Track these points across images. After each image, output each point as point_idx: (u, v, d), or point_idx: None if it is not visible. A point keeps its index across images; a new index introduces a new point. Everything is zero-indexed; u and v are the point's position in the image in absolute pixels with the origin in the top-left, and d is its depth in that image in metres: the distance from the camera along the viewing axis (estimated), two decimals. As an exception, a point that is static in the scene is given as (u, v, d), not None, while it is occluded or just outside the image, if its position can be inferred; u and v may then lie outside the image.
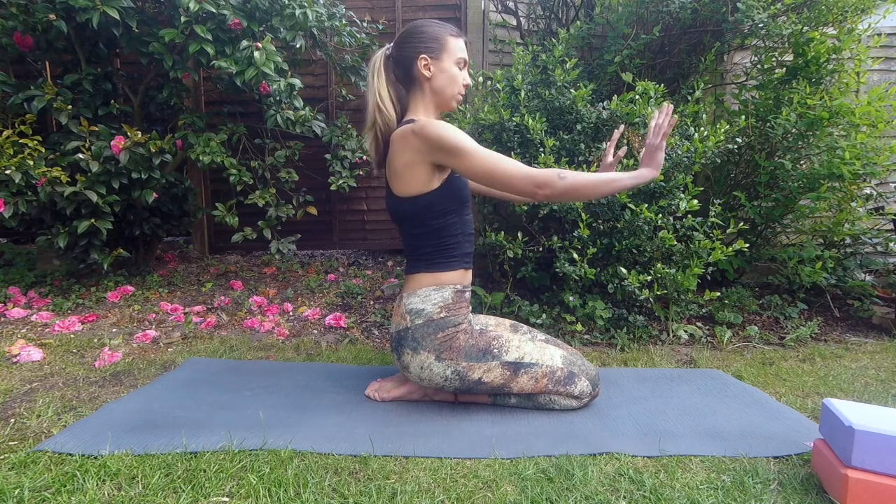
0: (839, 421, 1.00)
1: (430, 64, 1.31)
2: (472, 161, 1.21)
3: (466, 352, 1.31)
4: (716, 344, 2.06)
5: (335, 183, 3.28)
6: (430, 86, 1.33)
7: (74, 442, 1.13)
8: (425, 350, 1.31)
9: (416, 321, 1.32)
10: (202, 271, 3.11)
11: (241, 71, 2.27)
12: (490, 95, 2.35)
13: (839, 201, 2.45)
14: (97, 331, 2.05)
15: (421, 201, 1.30)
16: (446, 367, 1.31)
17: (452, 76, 1.33)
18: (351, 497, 0.96)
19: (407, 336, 1.33)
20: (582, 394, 1.37)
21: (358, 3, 3.44)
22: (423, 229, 1.33)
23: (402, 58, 1.33)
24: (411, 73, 1.33)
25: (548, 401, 1.37)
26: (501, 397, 1.40)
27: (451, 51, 1.32)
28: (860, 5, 2.27)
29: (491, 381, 1.32)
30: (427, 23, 1.32)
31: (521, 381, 1.33)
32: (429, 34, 1.31)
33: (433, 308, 1.32)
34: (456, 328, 1.33)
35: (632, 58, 2.36)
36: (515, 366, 1.32)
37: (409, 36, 1.32)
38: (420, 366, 1.32)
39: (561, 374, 1.35)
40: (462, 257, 1.37)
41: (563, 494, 0.98)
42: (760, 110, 2.36)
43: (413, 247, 1.37)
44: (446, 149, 1.21)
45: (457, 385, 1.33)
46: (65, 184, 2.26)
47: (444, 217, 1.32)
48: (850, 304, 2.46)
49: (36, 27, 2.29)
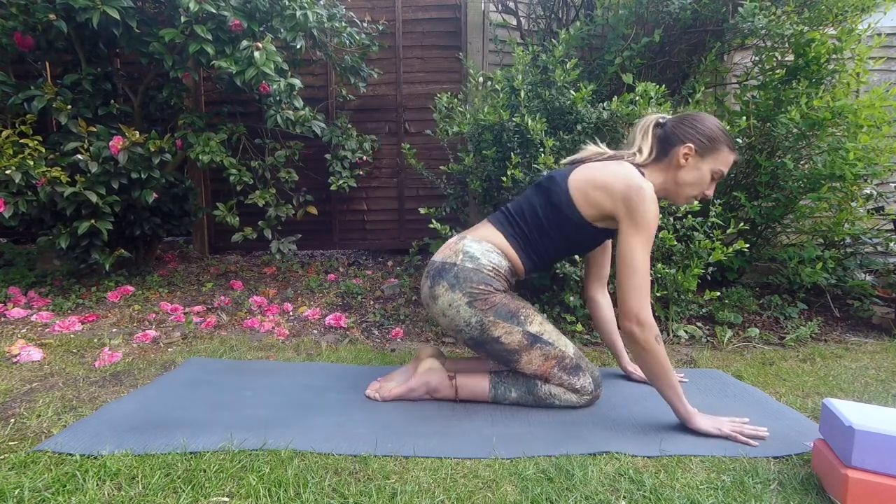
0: (839, 421, 1.00)
1: (690, 156, 1.30)
2: (632, 243, 1.24)
3: (497, 309, 1.34)
4: (716, 344, 2.06)
5: (335, 183, 3.28)
6: (677, 173, 1.32)
7: (74, 442, 1.13)
8: (461, 291, 1.34)
9: (465, 263, 1.36)
10: (202, 271, 3.11)
11: (241, 71, 2.27)
12: (490, 95, 2.35)
13: (839, 201, 2.44)
14: (97, 331, 2.05)
15: (579, 218, 1.33)
16: (473, 315, 1.34)
17: (701, 180, 1.32)
18: (351, 497, 0.96)
19: (451, 271, 1.37)
20: (583, 389, 1.37)
21: (358, 3, 3.44)
22: (552, 227, 1.37)
23: (671, 134, 1.32)
24: (669, 151, 1.33)
25: (548, 394, 1.38)
26: (503, 390, 1.40)
27: (717, 159, 1.31)
28: (860, 5, 2.27)
29: (507, 343, 1.34)
30: (714, 121, 1.31)
31: (533, 356, 1.35)
32: (708, 131, 1.29)
33: (487, 263, 1.37)
34: (495, 289, 1.37)
35: (632, 58, 2.36)
36: (534, 338, 1.35)
37: (691, 120, 1.31)
38: (450, 303, 1.35)
39: (569, 363, 1.37)
40: (534, 267, 1.44)
41: (563, 494, 0.98)
42: (761, 110, 2.36)
43: (526, 219, 1.40)
44: (635, 218, 1.24)
45: (475, 335, 1.35)
46: (65, 184, 2.26)
47: (570, 243, 1.39)
48: (850, 304, 2.45)
49: (36, 27, 2.29)
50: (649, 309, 1.23)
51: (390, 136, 3.61)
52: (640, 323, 1.22)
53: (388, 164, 3.64)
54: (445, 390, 1.43)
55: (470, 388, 1.43)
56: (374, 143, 3.50)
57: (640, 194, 1.23)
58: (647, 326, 1.22)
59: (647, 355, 1.23)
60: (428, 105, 3.47)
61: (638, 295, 1.22)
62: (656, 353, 1.23)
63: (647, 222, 1.23)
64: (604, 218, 1.32)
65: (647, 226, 1.24)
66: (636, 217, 1.24)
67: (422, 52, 3.56)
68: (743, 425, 1.24)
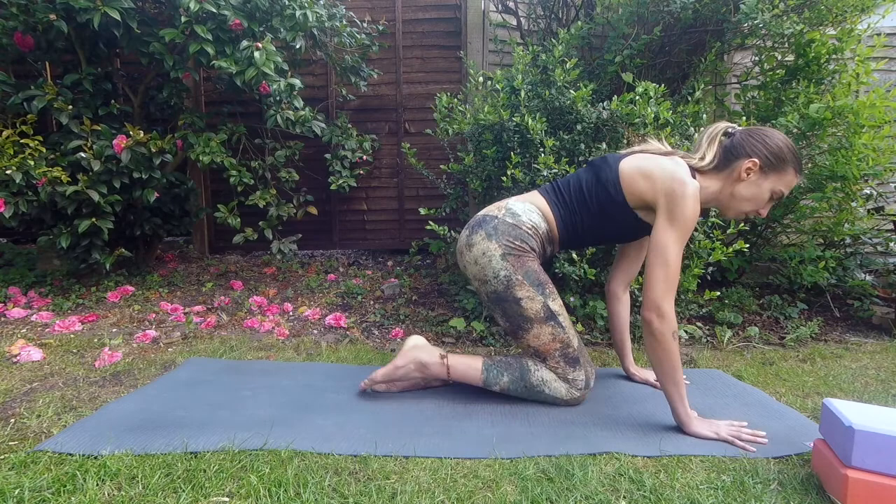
0: (839, 421, 1.00)
1: (753, 171, 1.27)
2: (665, 236, 1.24)
3: (528, 272, 1.37)
4: (716, 344, 2.06)
5: (335, 182, 3.28)
6: (736, 186, 1.30)
7: (74, 442, 1.13)
8: (497, 242, 1.37)
9: (506, 218, 1.40)
10: (202, 271, 3.11)
11: (242, 71, 2.27)
12: (490, 95, 2.35)
13: (839, 201, 2.44)
14: (97, 331, 2.05)
15: (622, 201, 1.34)
16: (504, 268, 1.36)
17: (759, 197, 1.29)
18: (351, 497, 0.96)
19: (491, 223, 1.40)
20: (575, 381, 1.38)
21: (358, 3, 3.44)
22: (594, 204, 1.38)
23: (738, 146, 1.29)
24: (732, 162, 1.29)
25: (539, 381, 1.38)
26: (495, 374, 1.40)
27: (780, 179, 1.28)
28: (860, 5, 2.27)
29: (526, 308, 1.36)
30: (785, 140, 1.27)
31: (544, 330, 1.37)
32: (777, 149, 1.26)
33: (527, 220, 1.40)
34: (531, 251, 1.39)
35: (632, 58, 2.36)
36: (552, 314, 1.37)
37: (762, 135, 1.28)
38: (483, 251, 1.38)
39: (571, 352, 1.38)
40: (568, 239, 1.45)
41: (563, 494, 0.98)
42: (762, 110, 2.36)
43: (571, 192, 1.42)
44: (673, 211, 1.24)
45: (499, 289, 1.37)
46: (65, 183, 2.26)
47: (607, 225, 1.40)
48: (850, 304, 2.45)
49: (36, 27, 2.29)
50: (672, 303, 1.23)
51: (390, 135, 3.61)
52: (661, 314, 1.22)
53: (388, 164, 3.64)
54: (436, 367, 1.43)
55: (462, 369, 1.42)
56: (374, 143, 3.50)
57: (683, 189, 1.23)
58: (668, 320, 1.22)
59: (659, 348, 1.23)
60: (428, 105, 3.47)
61: (665, 287, 1.22)
62: (670, 348, 1.22)
63: (686, 218, 1.23)
64: (645, 207, 1.32)
65: (685, 222, 1.23)
66: (674, 210, 1.23)
67: (422, 52, 3.56)
68: (741, 429, 1.24)
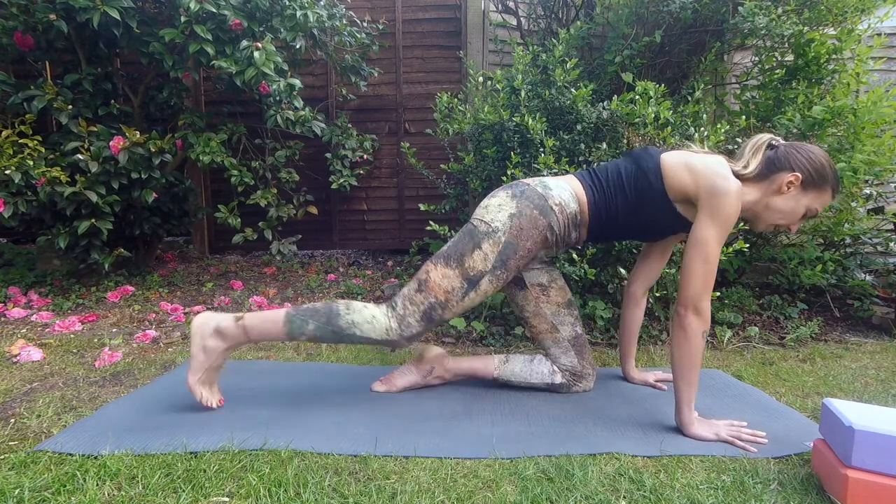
0: (839, 421, 1.00)
1: (794, 185, 1.26)
2: (707, 232, 1.22)
3: (515, 247, 1.33)
4: (716, 344, 2.06)
5: (336, 182, 3.28)
6: (773, 197, 1.28)
7: (74, 442, 1.13)
8: (517, 202, 1.34)
9: (537, 187, 1.36)
10: (202, 271, 3.11)
11: (241, 71, 2.27)
12: (490, 95, 2.35)
13: (839, 201, 2.44)
14: (97, 331, 2.05)
15: (661, 189, 1.31)
16: (502, 224, 1.33)
17: (794, 212, 1.28)
18: (351, 497, 0.96)
19: (521, 187, 1.38)
20: (407, 326, 1.33)
21: (358, 2, 3.44)
22: (631, 190, 1.34)
23: (783, 158, 1.27)
24: (774, 174, 1.27)
25: (349, 324, 1.32)
26: (299, 324, 1.32)
27: (819, 196, 1.27)
28: (860, 5, 2.27)
29: (473, 259, 1.32)
30: (827, 158, 1.26)
31: (453, 283, 1.33)
32: (820, 167, 1.25)
33: (556, 195, 1.35)
34: (546, 229, 1.35)
35: (632, 58, 2.36)
36: (475, 284, 1.33)
37: (807, 151, 1.26)
38: (500, 203, 1.35)
39: (438, 314, 1.34)
40: (598, 226, 1.39)
41: (563, 494, 0.98)
42: (761, 110, 2.36)
43: (609, 176, 1.38)
44: (716, 207, 1.22)
45: (479, 228, 1.34)
46: (65, 184, 2.26)
47: (642, 214, 1.35)
48: (850, 304, 2.45)
49: (36, 27, 2.29)
50: (709, 302, 1.22)
51: (390, 135, 3.61)
52: (699, 312, 1.21)
53: (388, 164, 3.64)
54: (232, 330, 1.32)
55: (262, 326, 1.33)
56: (374, 143, 3.50)
57: (727, 185, 1.21)
58: (704, 318, 1.21)
59: (687, 345, 1.22)
60: (428, 105, 3.47)
61: (704, 283, 1.21)
62: (697, 347, 1.21)
63: (727, 216, 1.21)
64: (684, 200, 1.29)
65: (726, 220, 1.22)
66: (717, 207, 1.21)
67: (422, 52, 3.56)
68: (741, 430, 1.23)
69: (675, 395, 1.25)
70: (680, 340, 1.22)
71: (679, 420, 1.25)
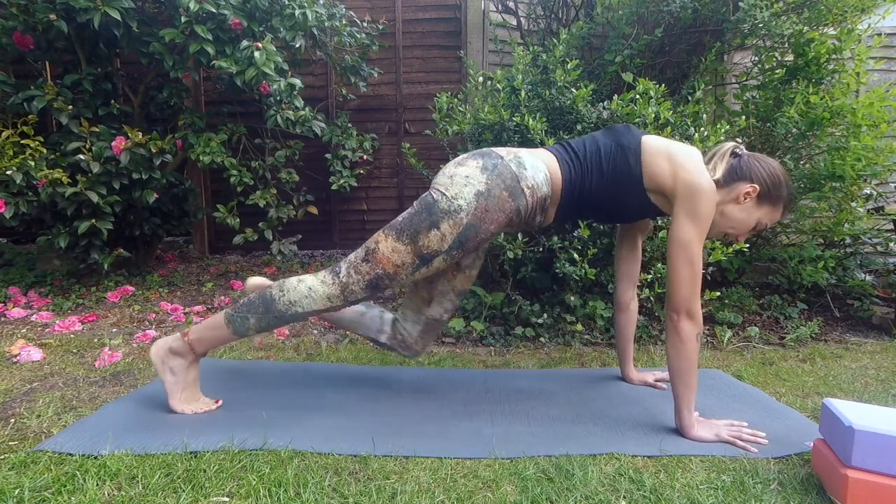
0: (839, 421, 1.00)
1: (750, 196, 1.26)
2: (688, 233, 1.20)
3: (477, 229, 1.22)
4: (716, 344, 2.06)
5: (336, 182, 3.28)
6: (730, 206, 1.28)
7: (74, 442, 1.13)
8: (487, 180, 1.22)
9: (511, 164, 1.24)
10: (202, 271, 3.11)
11: (242, 71, 2.27)
12: (490, 95, 2.35)
13: (839, 201, 2.44)
14: (97, 331, 2.05)
15: (638, 175, 1.26)
16: (467, 203, 1.20)
17: (746, 223, 1.29)
18: (351, 497, 0.96)
19: (495, 159, 1.25)
20: (350, 293, 1.27)
21: (358, 2, 3.44)
22: (608, 169, 1.27)
23: (745, 168, 1.27)
24: (734, 183, 1.28)
25: (287, 304, 1.28)
26: (240, 323, 1.30)
27: (772, 211, 1.28)
28: (860, 5, 2.27)
29: (429, 238, 1.22)
30: (785, 173, 1.28)
31: (404, 257, 1.24)
32: (778, 182, 1.26)
33: (530, 177, 1.25)
34: (511, 212, 1.24)
35: (632, 58, 2.36)
36: (426, 261, 1.24)
37: (767, 164, 1.27)
38: (467, 175, 1.22)
39: (385, 283, 1.27)
40: (569, 204, 1.32)
41: (563, 494, 0.98)
42: (761, 110, 2.36)
43: (587, 152, 1.30)
44: (696, 208, 1.19)
45: (441, 205, 1.21)
46: (66, 184, 2.26)
47: (615, 194, 1.29)
48: (850, 304, 2.45)
49: (36, 27, 2.29)
50: (699, 303, 1.21)
51: (390, 135, 3.61)
52: (692, 315, 1.20)
53: (388, 164, 3.64)
54: (183, 348, 1.32)
55: (208, 335, 1.32)
56: (374, 143, 3.50)
57: (706, 184, 1.20)
58: (697, 321, 1.21)
59: (683, 349, 1.21)
60: (428, 105, 3.46)
61: (692, 286, 1.20)
62: (692, 350, 1.21)
63: (706, 215, 1.20)
64: (656, 191, 1.26)
65: (705, 220, 1.20)
66: (697, 208, 1.19)
67: (422, 52, 3.56)
68: (741, 430, 1.23)
69: (675, 399, 1.24)
70: (675, 345, 1.22)
71: (679, 424, 1.25)
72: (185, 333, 1.33)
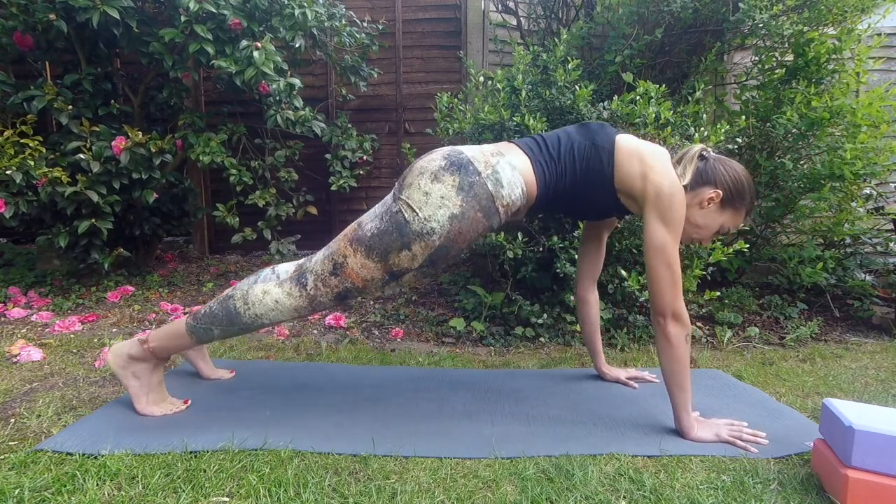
0: (839, 421, 1.00)
1: (714, 201, 1.28)
2: (663, 237, 1.20)
3: (448, 248, 1.21)
4: (716, 344, 2.06)
5: (336, 183, 3.28)
6: (694, 209, 1.29)
7: (74, 442, 1.13)
8: (463, 202, 1.18)
9: (487, 183, 1.20)
10: (202, 271, 3.11)
11: (241, 71, 2.27)
12: (490, 95, 2.35)
13: (839, 201, 2.45)
14: (97, 331, 2.05)
15: (609, 174, 1.26)
16: (440, 226, 1.18)
17: (709, 228, 1.31)
18: (351, 497, 0.96)
19: (473, 177, 1.19)
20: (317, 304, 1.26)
21: (358, 2, 3.44)
22: (580, 167, 1.27)
23: (711, 172, 1.28)
24: (699, 187, 1.29)
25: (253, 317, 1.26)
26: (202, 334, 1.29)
27: (734, 216, 1.30)
28: (860, 5, 2.27)
29: (399, 257, 1.20)
30: (749, 178, 1.29)
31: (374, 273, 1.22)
32: (741, 187, 1.27)
33: (507, 197, 1.22)
34: (483, 229, 1.23)
35: (632, 58, 2.36)
36: (396, 276, 1.24)
37: (731, 169, 1.28)
38: (442, 196, 1.18)
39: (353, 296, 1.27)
40: (543, 200, 1.30)
41: (563, 494, 0.98)
42: (761, 110, 2.36)
43: (560, 149, 1.29)
44: (669, 212, 1.20)
45: (413, 227, 1.18)
46: (65, 184, 2.26)
47: (586, 191, 1.29)
48: (850, 304, 2.45)
49: (36, 27, 2.29)
50: (684, 304, 1.22)
51: (390, 135, 3.61)
52: (678, 318, 1.20)
53: (388, 164, 3.64)
54: (143, 353, 1.30)
55: (169, 344, 1.31)
56: (374, 143, 3.50)
57: (676, 186, 1.21)
58: (684, 322, 1.21)
59: (673, 351, 1.21)
60: (428, 105, 3.47)
61: (674, 288, 1.20)
62: (682, 351, 1.21)
63: (679, 217, 1.21)
64: (625, 192, 1.27)
65: (679, 220, 1.21)
66: (670, 212, 1.20)
67: (422, 52, 3.56)
68: (741, 430, 1.23)
69: (672, 402, 1.24)
70: (665, 349, 1.22)
71: (679, 426, 1.24)
72: (144, 341, 1.31)
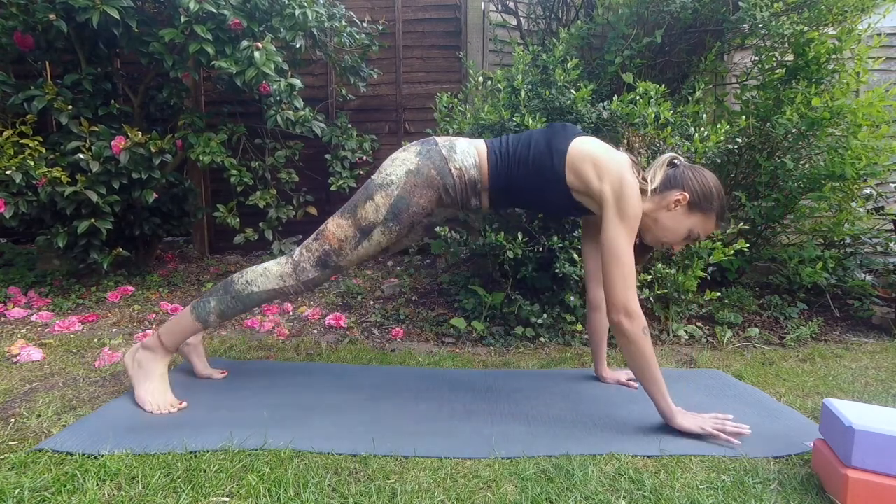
0: (839, 421, 1.00)
1: (681, 204, 1.30)
2: (616, 232, 1.24)
3: (407, 202, 1.33)
4: (716, 344, 2.06)
5: (335, 183, 3.28)
6: (662, 212, 1.32)
7: (74, 442, 1.13)
8: (419, 160, 1.35)
9: (442, 149, 1.36)
10: (202, 271, 3.11)
11: (242, 71, 2.27)
12: (490, 95, 2.35)
13: (839, 201, 2.45)
14: (97, 331, 2.05)
15: (561, 172, 1.31)
16: (398, 178, 1.34)
17: (677, 231, 1.33)
18: (351, 497, 0.96)
19: (430, 145, 1.37)
20: (302, 271, 1.37)
21: (358, 3, 3.44)
22: (533, 165, 1.33)
23: (678, 177, 1.32)
24: (667, 190, 1.32)
25: (244, 284, 1.39)
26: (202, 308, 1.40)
27: (703, 221, 1.32)
28: (860, 5, 2.27)
29: (365, 209, 1.34)
30: (718, 185, 1.32)
31: (346, 231, 1.35)
32: (708, 192, 1.30)
33: (459, 160, 1.35)
34: (441, 189, 1.35)
35: (632, 58, 2.36)
36: (366, 233, 1.35)
37: (699, 175, 1.31)
38: (403, 159, 1.36)
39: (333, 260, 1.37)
40: (498, 189, 1.39)
41: (563, 494, 0.98)
42: (761, 110, 2.36)
43: (518, 146, 1.37)
44: (623, 207, 1.24)
45: (375, 180, 1.35)
46: (65, 184, 2.26)
47: (538, 188, 1.36)
48: (850, 304, 2.45)
49: (36, 27, 2.29)
50: (636, 299, 1.23)
51: (390, 135, 3.61)
52: (629, 314, 1.22)
53: (388, 164, 3.63)
54: (157, 345, 1.40)
55: (176, 328, 1.41)
56: (374, 143, 3.50)
57: (631, 186, 1.24)
58: (636, 317, 1.22)
59: (633, 347, 1.23)
60: (428, 105, 3.46)
61: (625, 285, 1.22)
62: (642, 345, 1.22)
63: (633, 215, 1.24)
64: (584, 194, 1.32)
65: (632, 218, 1.24)
66: (624, 207, 1.24)
67: (422, 52, 3.56)
68: (725, 422, 1.24)
69: (649, 395, 1.26)
70: (626, 346, 1.24)
71: (662, 415, 1.26)
72: (156, 328, 1.38)
